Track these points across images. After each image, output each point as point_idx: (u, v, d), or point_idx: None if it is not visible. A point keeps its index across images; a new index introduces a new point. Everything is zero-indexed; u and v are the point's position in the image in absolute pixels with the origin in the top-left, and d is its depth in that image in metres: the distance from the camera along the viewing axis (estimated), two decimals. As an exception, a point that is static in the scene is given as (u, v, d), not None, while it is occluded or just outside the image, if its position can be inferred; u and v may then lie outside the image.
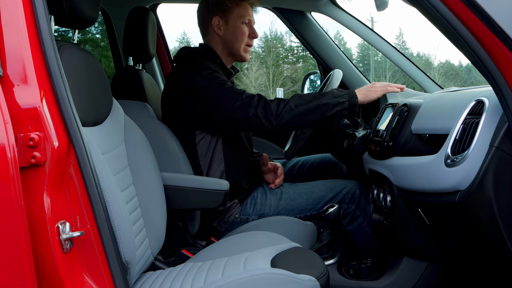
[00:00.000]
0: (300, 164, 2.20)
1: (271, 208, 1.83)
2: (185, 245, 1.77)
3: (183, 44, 23.02)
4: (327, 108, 1.70)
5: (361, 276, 1.74)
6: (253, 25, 1.95)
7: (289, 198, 1.86)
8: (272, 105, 1.70)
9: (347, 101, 1.71)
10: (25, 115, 0.93)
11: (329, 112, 1.70)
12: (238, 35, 1.91)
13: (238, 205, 1.85)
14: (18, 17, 0.96)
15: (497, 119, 1.13)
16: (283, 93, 19.41)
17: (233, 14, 1.89)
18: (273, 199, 1.85)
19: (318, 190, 1.88)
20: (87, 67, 1.25)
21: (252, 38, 1.95)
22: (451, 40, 1.07)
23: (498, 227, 1.13)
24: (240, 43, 1.92)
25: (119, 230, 1.12)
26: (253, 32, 1.94)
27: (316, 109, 1.70)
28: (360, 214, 1.87)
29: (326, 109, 1.70)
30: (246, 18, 1.91)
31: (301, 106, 1.70)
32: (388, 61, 9.13)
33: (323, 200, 1.85)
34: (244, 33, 1.91)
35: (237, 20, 1.90)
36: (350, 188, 1.88)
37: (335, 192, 1.87)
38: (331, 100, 1.71)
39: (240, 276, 1.12)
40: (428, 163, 1.32)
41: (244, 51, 1.94)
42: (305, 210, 1.85)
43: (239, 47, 1.92)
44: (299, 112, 1.70)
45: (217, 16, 1.91)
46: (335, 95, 1.72)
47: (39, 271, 0.92)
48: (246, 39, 1.92)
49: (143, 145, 1.49)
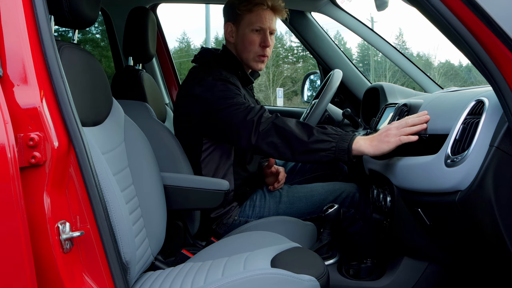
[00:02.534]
0: (300, 165, 2.20)
1: (270, 211, 1.83)
2: (185, 245, 1.77)
3: (183, 44, 23.04)
4: (323, 156, 1.52)
5: (361, 276, 1.74)
6: (267, 33, 1.82)
7: (288, 201, 1.85)
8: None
9: (345, 155, 1.50)
10: (25, 115, 0.93)
11: (325, 158, 1.52)
12: (246, 44, 1.81)
13: (237, 207, 1.84)
14: (18, 17, 0.96)
15: (497, 119, 1.13)
16: (283, 93, 19.41)
17: (244, 21, 1.81)
18: (272, 202, 1.85)
19: (318, 193, 1.87)
20: (87, 67, 1.25)
21: (264, 47, 1.82)
22: (451, 40, 1.07)
23: (498, 227, 1.13)
24: (248, 53, 1.82)
25: (119, 230, 1.12)
26: (264, 41, 1.81)
27: (314, 152, 1.52)
28: (360, 218, 1.87)
29: (322, 157, 1.52)
30: (256, 25, 1.80)
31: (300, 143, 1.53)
32: (388, 61, 9.13)
33: (322, 204, 1.84)
34: (253, 42, 1.81)
35: (246, 28, 1.81)
36: (350, 191, 1.87)
37: (334, 195, 1.86)
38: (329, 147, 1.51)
39: (240, 276, 1.12)
40: (428, 163, 1.32)
41: (255, 61, 1.84)
42: (305, 214, 1.84)
43: (247, 57, 1.83)
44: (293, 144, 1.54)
45: (230, 23, 1.86)
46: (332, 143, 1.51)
47: (39, 271, 0.92)
48: (256, 49, 1.81)
49: (143, 145, 1.49)
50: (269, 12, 1.82)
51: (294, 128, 1.54)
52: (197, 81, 1.77)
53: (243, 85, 1.86)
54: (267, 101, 19.95)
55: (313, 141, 1.51)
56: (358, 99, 2.46)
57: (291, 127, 1.54)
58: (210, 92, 1.69)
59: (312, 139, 1.51)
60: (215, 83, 1.70)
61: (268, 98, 20.27)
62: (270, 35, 1.84)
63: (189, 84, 1.81)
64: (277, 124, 1.56)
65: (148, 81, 2.32)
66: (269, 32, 1.83)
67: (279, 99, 18.88)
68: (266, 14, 1.81)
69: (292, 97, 20.59)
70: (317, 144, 1.51)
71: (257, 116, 1.59)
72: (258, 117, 1.59)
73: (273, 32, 1.86)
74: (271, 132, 1.56)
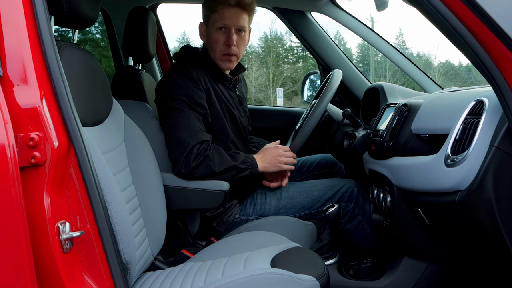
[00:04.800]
0: (300, 164, 2.21)
1: (271, 208, 1.83)
2: (185, 245, 1.77)
3: (183, 44, 22.97)
4: (233, 174, 1.73)
5: (361, 276, 1.73)
6: (232, 30, 1.81)
7: (288, 196, 1.85)
8: (192, 156, 1.67)
9: (249, 170, 1.76)
10: (25, 115, 0.93)
11: (235, 177, 1.73)
12: (212, 43, 1.83)
13: (238, 205, 1.84)
14: (18, 17, 0.96)
15: (497, 119, 1.13)
16: (283, 93, 19.41)
17: (210, 21, 1.84)
18: (273, 199, 1.85)
19: (317, 188, 1.88)
20: (87, 67, 1.25)
21: (228, 46, 1.81)
22: (451, 40, 1.07)
23: (498, 227, 1.13)
24: (215, 51, 1.83)
25: (119, 230, 1.12)
26: (227, 39, 1.81)
27: (228, 170, 1.71)
28: (359, 213, 1.87)
29: (232, 175, 1.72)
30: (219, 23, 1.80)
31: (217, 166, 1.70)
32: (388, 61, 9.13)
33: (322, 199, 1.85)
34: (217, 41, 1.81)
35: (212, 27, 1.83)
36: (348, 187, 1.88)
37: (334, 190, 1.87)
38: (239, 165, 1.73)
39: (240, 276, 1.12)
40: (428, 163, 1.32)
41: (221, 59, 1.84)
42: (305, 208, 1.85)
43: (214, 56, 1.84)
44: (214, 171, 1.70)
45: (202, 23, 1.90)
46: (244, 161, 1.75)
47: (39, 271, 0.92)
48: (221, 47, 1.81)
49: (143, 145, 1.49)
50: (235, 10, 1.81)
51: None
52: (163, 79, 1.85)
53: (219, 80, 1.88)
54: (267, 101, 19.95)
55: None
56: (358, 99, 2.46)
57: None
58: (170, 91, 1.75)
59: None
60: (177, 82, 1.75)
61: (268, 98, 20.26)
62: (238, 32, 1.84)
63: (161, 80, 1.89)
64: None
65: (148, 81, 2.32)
66: (237, 29, 1.83)
67: (279, 99, 18.87)
68: (231, 11, 1.81)
69: (292, 97, 20.57)
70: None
71: (192, 144, 1.67)
72: (193, 147, 1.67)
73: (242, 29, 1.85)
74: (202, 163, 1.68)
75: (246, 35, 1.89)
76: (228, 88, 1.92)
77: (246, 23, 1.86)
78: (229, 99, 1.89)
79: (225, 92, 1.89)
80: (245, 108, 2.05)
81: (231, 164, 1.71)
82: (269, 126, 2.78)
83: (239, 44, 1.85)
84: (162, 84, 1.83)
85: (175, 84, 1.76)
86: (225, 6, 1.81)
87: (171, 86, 1.77)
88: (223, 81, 1.91)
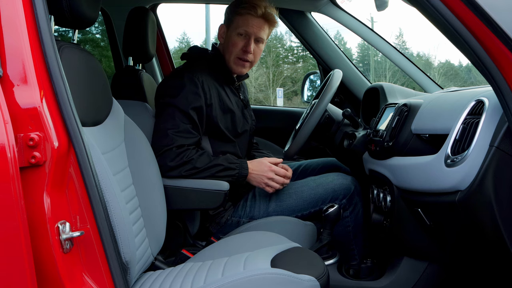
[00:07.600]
0: (302, 168, 2.18)
1: (260, 211, 1.82)
2: (185, 245, 1.78)
3: (183, 44, 23.04)
4: (219, 170, 1.72)
5: (361, 276, 1.74)
6: (251, 38, 1.84)
7: (278, 199, 1.83)
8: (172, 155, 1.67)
9: (237, 171, 1.75)
10: (25, 115, 0.93)
11: (219, 173, 1.72)
12: (229, 46, 1.85)
13: (231, 207, 1.85)
14: (18, 17, 0.96)
15: (497, 119, 1.13)
16: (283, 93, 19.42)
17: (233, 24, 1.86)
18: (263, 202, 1.84)
19: (308, 188, 1.85)
20: (87, 67, 1.25)
21: (245, 52, 1.85)
22: (451, 40, 1.07)
23: (498, 227, 1.13)
24: (230, 54, 1.85)
25: (119, 230, 1.12)
26: (245, 45, 1.84)
27: (210, 168, 1.71)
28: (348, 208, 1.83)
29: (218, 170, 1.72)
30: (241, 29, 1.83)
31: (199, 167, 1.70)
32: (388, 61, 9.13)
33: (314, 199, 1.82)
34: (236, 45, 1.84)
35: (233, 31, 1.85)
36: (342, 183, 1.84)
37: (325, 188, 1.83)
38: (224, 163, 1.73)
39: (240, 276, 1.12)
40: (428, 163, 1.32)
41: (234, 63, 1.87)
42: (295, 211, 1.82)
43: (229, 58, 1.86)
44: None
45: (223, 24, 1.92)
46: (229, 161, 1.75)
47: (39, 271, 0.92)
48: (237, 51, 1.84)
49: (143, 145, 1.49)
50: (259, 20, 1.85)
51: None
52: (167, 77, 1.85)
53: (225, 83, 1.89)
54: (267, 101, 19.95)
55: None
56: (358, 99, 2.46)
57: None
58: (169, 91, 1.76)
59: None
60: (177, 83, 1.76)
61: (268, 98, 20.27)
62: (256, 42, 1.87)
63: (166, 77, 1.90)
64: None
65: (148, 81, 2.32)
66: (256, 39, 1.86)
67: (279, 99, 18.89)
68: (255, 21, 1.84)
69: (292, 97, 20.58)
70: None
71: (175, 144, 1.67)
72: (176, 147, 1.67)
73: (260, 41, 1.88)
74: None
75: (262, 46, 1.92)
76: (233, 92, 1.93)
77: (266, 35, 1.90)
78: (233, 102, 1.89)
79: (230, 95, 1.89)
80: (250, 112, 2.05)
81: (215, 163, 1.72)
82: (269, 126, 2.79)
83: (255, 52, 1.88)
84: (164, 83, 1.84)
85: (175, 84, 1.76)
86: (250, 14, 1.83)
87: (171, 86, 1.78)
88: (230, 84, 1.92)
